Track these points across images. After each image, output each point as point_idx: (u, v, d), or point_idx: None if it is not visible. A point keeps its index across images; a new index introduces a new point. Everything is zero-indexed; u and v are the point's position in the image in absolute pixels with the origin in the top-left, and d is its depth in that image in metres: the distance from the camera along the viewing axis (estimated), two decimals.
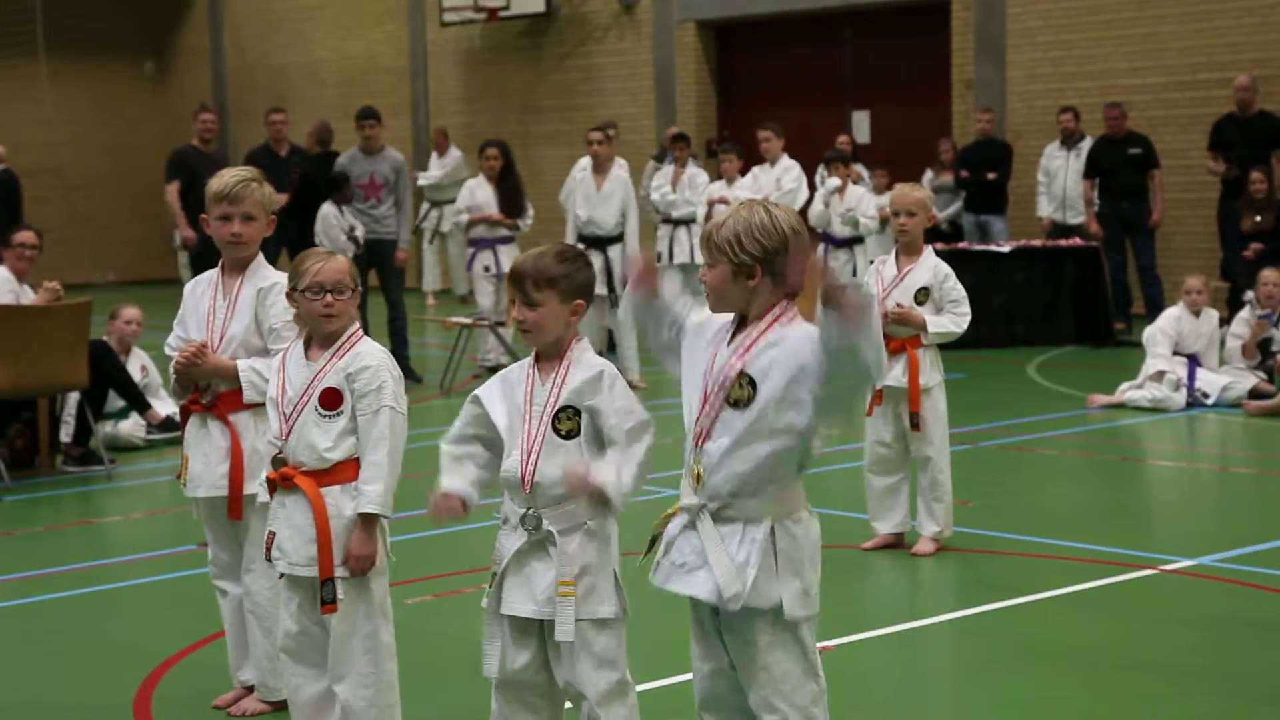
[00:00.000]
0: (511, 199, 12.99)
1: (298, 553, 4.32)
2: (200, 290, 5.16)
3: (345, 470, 4.33)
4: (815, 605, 3.72)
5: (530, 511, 3.90)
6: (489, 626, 4.00)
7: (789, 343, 3.62)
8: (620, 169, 13.51)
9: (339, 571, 4.30)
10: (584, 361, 3.95)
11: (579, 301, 3.96)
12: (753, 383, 3.63)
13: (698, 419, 3.70)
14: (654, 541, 3.84)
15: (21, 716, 5.29)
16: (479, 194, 13.01)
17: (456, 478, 4.02)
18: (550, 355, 3.97)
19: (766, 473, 3.64)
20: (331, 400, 4.32)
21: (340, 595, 4.31)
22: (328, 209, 12.56)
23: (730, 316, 3.76)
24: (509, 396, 4.00)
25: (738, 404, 3.64)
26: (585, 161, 13.40)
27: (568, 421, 3.91)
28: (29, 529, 8.18)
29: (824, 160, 14.54)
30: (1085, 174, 15.34)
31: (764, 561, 3.63)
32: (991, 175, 16.18)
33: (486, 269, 13.00)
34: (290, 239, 12.71)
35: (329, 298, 4.35)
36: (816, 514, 3.79)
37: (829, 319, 3.46)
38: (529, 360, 4.03)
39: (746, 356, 3.65)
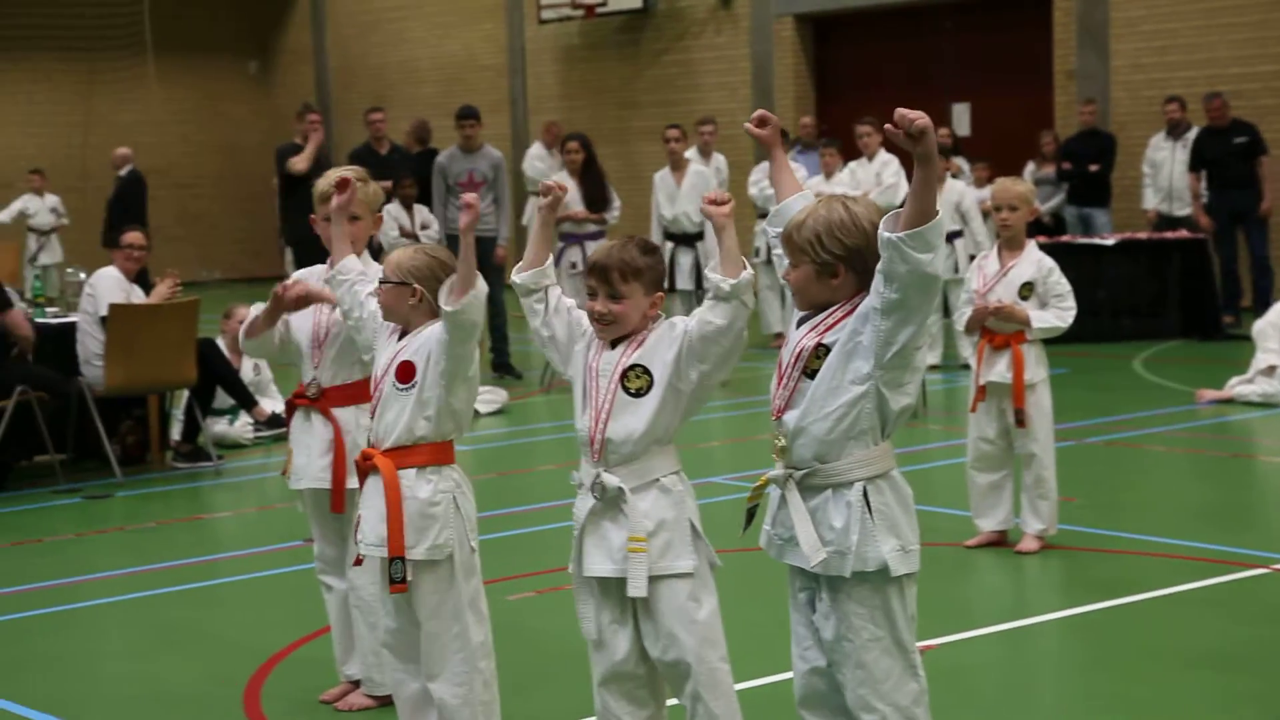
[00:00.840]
0: (595, 193, 12.88)
1: (373, 532, 4.37)
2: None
3: (421, 453, 4.35)
4: (915, 563, 3.69)
5: (597, 477, 3.93)
6: (578, 590, 4.03)
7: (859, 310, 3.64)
8: (716, 162, 13.53)
9: (411, 554, 4.32)
10: (659, 330, 3.98)
11: (660, 294, 4.00)
12: (828, 351, 3.64)
13: (775, 395, 3.71)
14: (750, 516, 3.85)
15: (134, 709, 5.39)
16: None
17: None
18: (625, 338, 4.00)
19: (846, 429, 3.62)
20: (406, 372, 4.37)
21: (416, 580, 4.34)
22: (388, 206, 12.66)
23: None
24: (585, 351, 4.04)
25: (813, 375, 3.65)
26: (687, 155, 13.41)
27: (637, 380, 3.93)
28: (140, 524, 8.33)
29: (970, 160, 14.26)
30: (1190, 166, 15.09)
31: (863, 524, 3.62)
32: (1094, 167, 15.97)
33: (574, 266, 12.99)
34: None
35: (377, 286, 4.47)
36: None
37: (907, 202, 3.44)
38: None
39: (826, 334, 3.65)
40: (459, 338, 4.25)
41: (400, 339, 4.47)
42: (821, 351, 3.63)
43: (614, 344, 4.00)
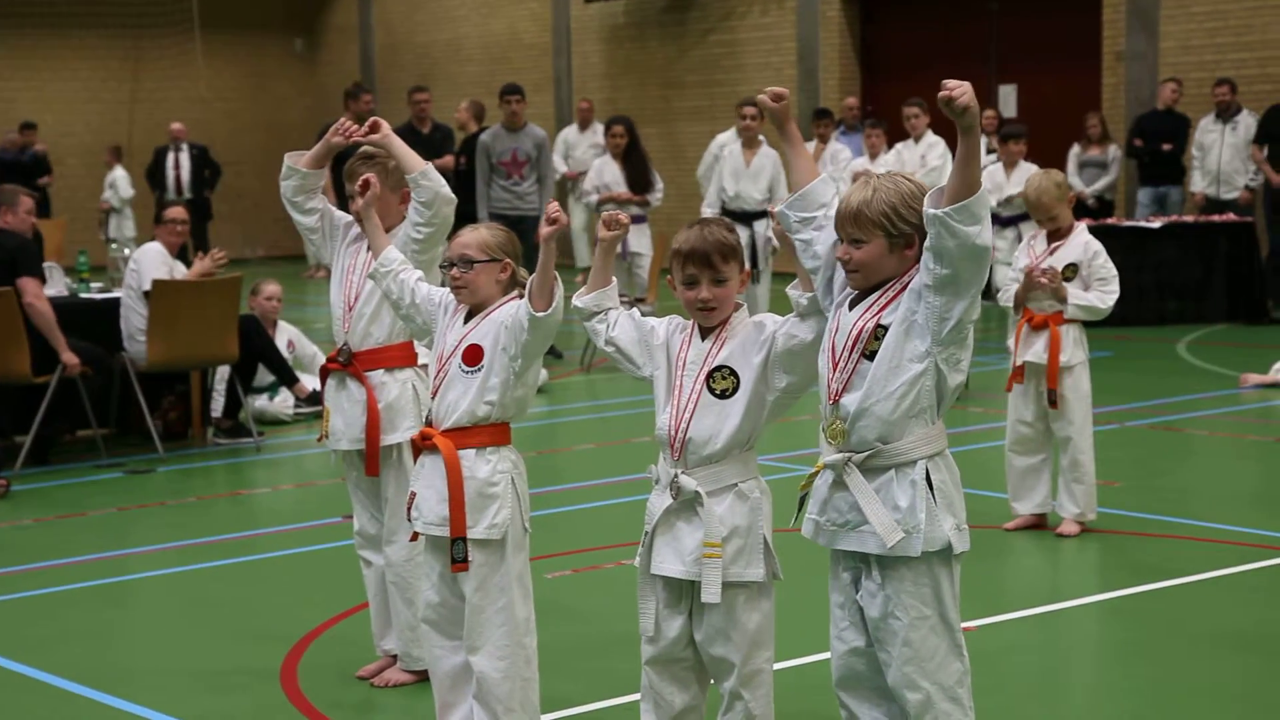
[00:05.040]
0: (638, 175, 12.93)
1: (432, 512, 4.38)
2: (346, 262, 5.27)
3: (482, 434, 4.36)
4: (968, 540, 3.70)
5: (675, 477, 3.90)
6: (642, 586, 4.01)
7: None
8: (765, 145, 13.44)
9: (471, 534, 4.34)
10: (744, 322, 3.95)
11: (747, 270, 3.98)
12: (886, 331, 3.62)
13: (830, 378, 3.69)
14: (802, 504, 3.83)
15: (172, 683, 5.42)
16: (606, 173, 13.01)
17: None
18: (714, 324, 3.97)
19: (907, 408, 3.60)
20: (473, 355, 4.37)
21: (471, 557, 4.35)
22: None
23: None
24: (668, 350, 4.00)
25: (873, 356, 3.63)
26: (725, 137, 13.35)
27: (723, 381, 3.89)
28: (181, 500, 8.38)
29: (1000, 137, 13.89)
30: (1255, 139, 14.86)
31: (928, 503, 3.61)
32: (1167, 146, 15.70)
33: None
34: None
35: (455, 270, 4.42)
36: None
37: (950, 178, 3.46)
38: (687, 322, 4.01)
39: (883, 313, 3.63)
40: (541, 339, 4.28)
41: (467, 320, 4.46)
42: (880, 332, 3.62)
43: (704, 334, 3.95)
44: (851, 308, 3.69)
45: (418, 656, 5.12)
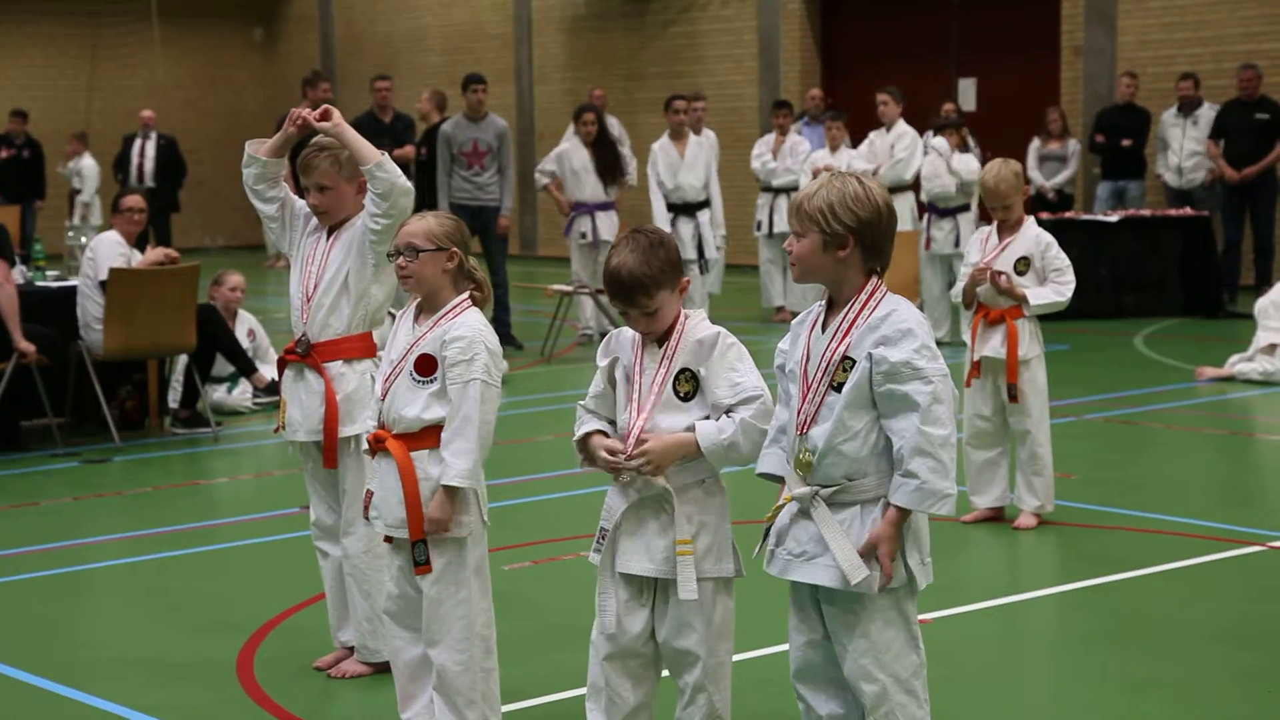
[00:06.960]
0: (608, 161, 13.07)
1: (391, 514, 4.38)
2: (305, 252, 5.24)
3: (435, 434, 4.35)
4: (930, 574, 3.72)
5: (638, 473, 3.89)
6: (603, 583, 3.99)
7: (886, 326, 3.59)
8: (707, 138, 13.54)
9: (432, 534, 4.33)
10: (699, 326, 3.94)
11: (685, 280, 3.96)
12: (854, 364, 3.61)
13: (800, 407, 3.68)
14: (768, 534, 3.81)
15: (128, 672, 5.39)
16: (574, 159, 13.07)
17: (589, 423, 4.03)
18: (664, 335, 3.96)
19: (872, 445, 3.62)
20: (426, 366, 4.34)
21: (431, 555, 4.34)
22: None
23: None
24: (618, 360, 4.01)
25: (841, 388, 3.62)
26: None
27: (686, 384, 3.90)
28: (137, 490, 8.33)
29: (933, 129, 14.06)
30: (1211, 134, 14.97)
31: None
32: (1126, 142, 15.75)
33: (584, 235, 13.06)
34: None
35: (401, 259, 4.39)
36: None
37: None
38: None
39: (847, 340, 3.62)
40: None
41: (416, 317, 4.44)
42: (848, 364, 3.61)
43: (658, 342, 3.94)
44: (824, 331, 3.67)
45: (375, 648, 5.11)
